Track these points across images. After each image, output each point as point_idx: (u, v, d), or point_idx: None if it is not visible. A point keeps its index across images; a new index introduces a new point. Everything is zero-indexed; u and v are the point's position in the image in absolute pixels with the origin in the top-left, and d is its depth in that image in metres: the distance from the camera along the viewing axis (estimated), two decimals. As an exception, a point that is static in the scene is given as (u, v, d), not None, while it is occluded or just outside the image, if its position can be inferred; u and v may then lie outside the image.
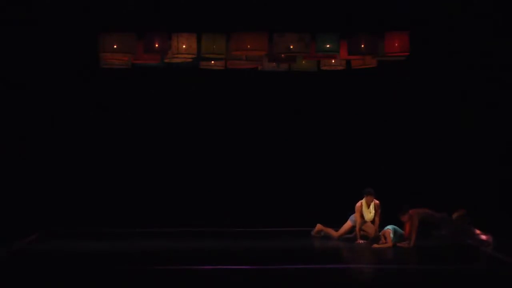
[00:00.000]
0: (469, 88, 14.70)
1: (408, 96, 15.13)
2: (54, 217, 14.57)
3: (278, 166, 15.44)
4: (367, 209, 13.50)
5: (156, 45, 13.11)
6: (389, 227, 13.18)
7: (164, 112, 15.34)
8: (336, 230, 13.87)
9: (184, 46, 13.15)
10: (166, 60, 13.82)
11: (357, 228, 13.45)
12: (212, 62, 14.26)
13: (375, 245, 12.98)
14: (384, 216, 13.48)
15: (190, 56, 13.39)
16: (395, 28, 13.37)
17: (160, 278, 10.35)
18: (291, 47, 13.18)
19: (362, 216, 13.50)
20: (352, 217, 13.63)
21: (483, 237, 12.61)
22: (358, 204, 13.54)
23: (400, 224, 13.23)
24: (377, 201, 13.50)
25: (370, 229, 13.49)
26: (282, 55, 13.73)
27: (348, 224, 13.69)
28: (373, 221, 13.51)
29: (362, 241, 13.27)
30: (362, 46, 13.31)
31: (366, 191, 13.51)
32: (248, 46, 13.11)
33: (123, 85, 15.07)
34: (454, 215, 13.14)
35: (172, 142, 15.29)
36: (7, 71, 14.17)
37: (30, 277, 10.47)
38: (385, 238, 13.07)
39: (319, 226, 14.06)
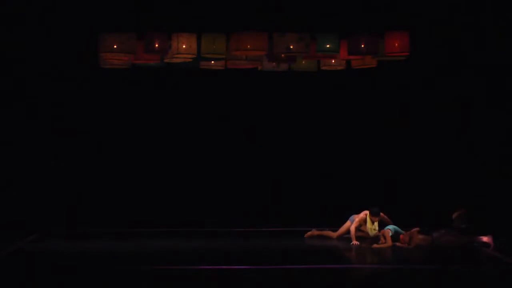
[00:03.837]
0: (469, 87, 14.72)
1: (408, 96, 15.13)
2: (54, 217, 14.57)
3: (278, 166, 15.44)
4: (371, 226, 13.41)
5: (156, 45, 13.11)
6: (389, 227, 13.18)
7: (164, 112, 15.34)
8: (334, 231, 13.84)
9: (184, 46, 13.14)
10: (166, 60, 13.82)
11: (352, 231, 13.33)
12: (212, 62, 14.26)
13: (375, 245, 12.97)
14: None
15: (190, 56, 13.40)
16: (395, 28, 13.37)
17: (160, 278, 10.35)
18: (291, 47, 13.18)
19: (360, 226, 13.41)
20: (352, 217, 13.59)
21: (484, 239, 12.60)
22: (362, 216, 13.43)
23: (401, 226, 13.25)
24: (386, 230, 13.29)
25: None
26: (282, 55, 13.73)
27: (348, 224, 13.65)
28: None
29: (357, 243, 13.18)
30: (362, 46, 13.31)
31: (373, 211, 13.30)
32: (248, 46, 13.11)
33: (123, 85, 15.07)
34: (454, 215, 13.15)
35: (172, 142, 15.29)
36: (7, 71, 14.19)
37: (30, 277, 10.47)
38: (385, 238, 13.07)
39: (314, 232, 13.99)
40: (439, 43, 14.57)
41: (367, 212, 13.39)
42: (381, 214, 13.36)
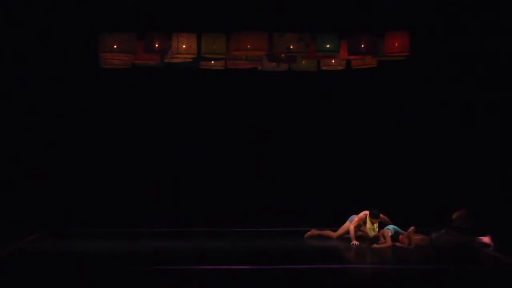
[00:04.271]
0: (468, 87, 14.74)
1: (408, 96, 15.13)
2: (54, 217, 14.57)
3: (277, 166, 15.43)
4: (371, 226, 13.40)
5: (156, 45, 13.11)
6: (389, 227, 13.18)
7: (164, 112, 15.33)
8: (334, 231, 13.84)
9: (184, 46, 13.15)
10: (166, 60, 13.82)
11: (351, 231, 13.32)
12: (212, 62, 14.26)
13: (375, 245, 12.97)
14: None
15: (190, 56, 13.40)
16: (395, 28, 13.37)
17: (160, 278, 10.35)
18: (291, 47, 13.18)
19: (360, 226, 13.42)
20: (352, 218, 13.58)
21: (484, 239, 12.59)
22: (362, 216, 13.40)
23: (401, 226, 13.26)
24: (386, 230, 13.27)
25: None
26: (282, 55, 13.73)
27: (347, 225, 13.64)
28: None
29: (357, 243, 13.19)
30: (362, 46, 13.31)
31: (373, 213, 13.27)
32: (248, 46, 13.11)
33: (123, 85, 15.07)
34: (455, 215, 13.14)
35: (172, 142, 15.28)
36: (7, 71, 14.20)
37: (30, 277, 10.47)
38: (384, 237, 13.07)
39: (313, 231, 14.01)
40: (439, 43, 14.58)
41: (367, 212, 13.38)
42: (381, 215, 13.34)
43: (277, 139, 15.47)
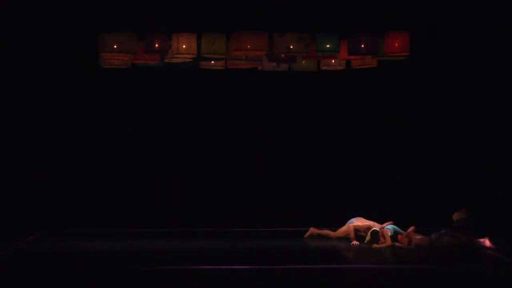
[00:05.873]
0: (468, 87, 14.75)
1: (408, 96, 15.13)
2: (54, 217, 14.57)
3: (277, 166, 15.43)
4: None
5: (156, 45, 13.11)
6: (389, 227, 13.18)
7: (164, 112, 15.33)
8: (333, 231, 13.82)
9: (184, 46, 13.15)
10: (166, 60, 13.83)
11: (351, 231, 13.32)
12: (212, 62, 14.26)
13: (375, 245, 12.97)
14: (384, 218, 13.51)
15: (190, 56, 13.40)
16: (395, 28, 13.38)
17: (160, 278, 10.35)
18: (291, 47, 13.18)
19: (359, 231, 13.43)
20: (351, 220, 13.53)
21: (484, 241, 12.58)
22: (368, 224, 13.35)
23: (401, 226, 13.26)
24: (385, 230, 13.26)
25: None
26: (282, 55, 13.74)
27: (345, 228, 13.60)
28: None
29: (357, 243, 13.18)
30: (362, 46, 13.32)
31: (374, 235, 13.14)
32: (248, 46, 13.12)
33: (123, 85, 15.07)
34: (455, 216, 13.14)
35: (172, 142, 15.28)
36: (7, 71, 14.20)
37: (30, 277, 10.47)
38: (384, 237, 13.06)
39: (312, 230, 14.01)
40: (439, 43, 14.59)
41: (371, 225, 13.24)
42: (381, 229, 13.27)
43: (277, 139, 15.47)
